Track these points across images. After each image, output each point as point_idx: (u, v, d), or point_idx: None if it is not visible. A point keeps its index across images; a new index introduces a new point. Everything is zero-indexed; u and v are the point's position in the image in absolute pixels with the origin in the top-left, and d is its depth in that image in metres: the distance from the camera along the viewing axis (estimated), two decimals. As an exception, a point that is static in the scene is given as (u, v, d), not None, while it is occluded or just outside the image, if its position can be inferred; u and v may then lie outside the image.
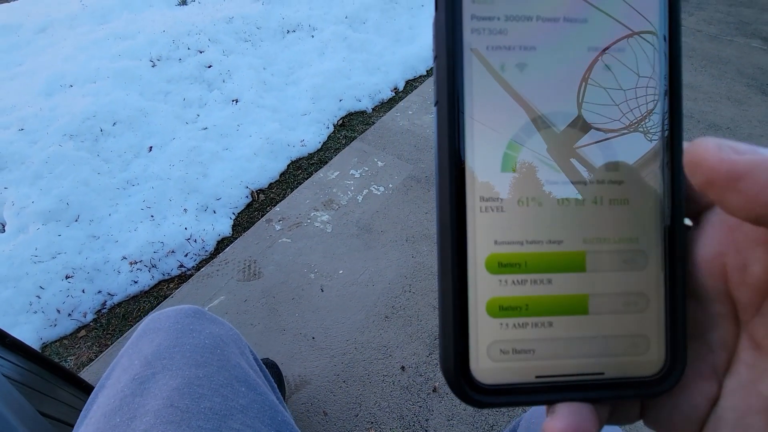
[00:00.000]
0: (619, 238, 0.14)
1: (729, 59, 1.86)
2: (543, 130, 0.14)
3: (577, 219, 0.14)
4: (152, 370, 0.34)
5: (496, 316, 0.14)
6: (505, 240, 0.14)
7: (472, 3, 0.14)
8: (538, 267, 0.14)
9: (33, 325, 0.97)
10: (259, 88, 1.57)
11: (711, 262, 0.14)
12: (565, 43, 0.14)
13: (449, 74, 0.14)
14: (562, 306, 0.14)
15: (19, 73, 1.58)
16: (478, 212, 0.14)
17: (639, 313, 0.14)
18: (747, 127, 1.51)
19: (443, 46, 0.14)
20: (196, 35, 1.72)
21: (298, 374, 0.86)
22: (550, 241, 0.14)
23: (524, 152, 0.14)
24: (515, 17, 0.14)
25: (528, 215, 0.14)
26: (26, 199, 1.13)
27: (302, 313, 0.96)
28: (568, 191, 0.14)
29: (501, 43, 0.14)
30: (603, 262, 0.14)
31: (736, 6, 2.29)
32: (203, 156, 1.32)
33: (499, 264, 0.14)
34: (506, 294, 0.14)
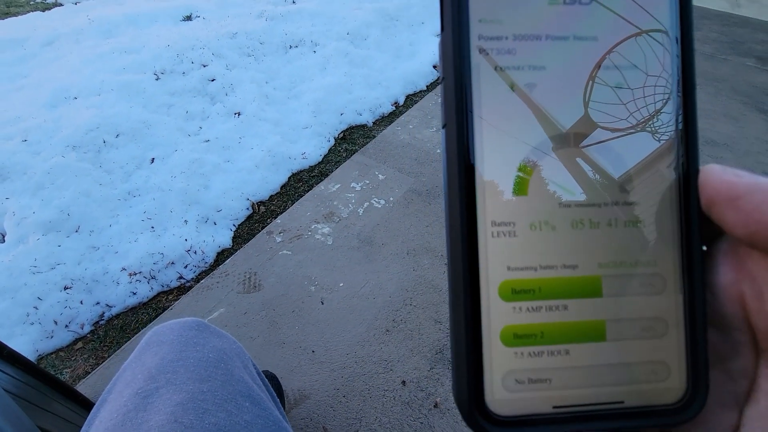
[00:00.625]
0: (636, 261, 0.14)
1: (724, 77, 1.90)
2: (556, 152, 0.14)
3: (592, 242, 0.14)
4: (156, 385, 0.34)
5: (511, 344, 0.14)
6: (519, 266, 0.14)
7: (479, 23, 0.14)
8: (553, 293, 0.14)
9: (29, 337, 0.96)
10: (262, 102, 1.59)
11: (728, 288, 0.14)
12: (576, 62, 0.14)
13: (457, 96, 0.13)
14: (578, 333, 0.14)
15: (25, 85, 1.60)
16: (490, 237, 0.14)
17: (658, 338, 0.14)
18: (744, 144, 1.53)
19: (450, 67, 0.13)
20: (200, 50, 1.75)
21: (298, 388, 0.85)
22: (565, 265, 0.14)
23: (536, 175, 0.14)
24: (523, 36, 0.14)
25: (541, 240, 0.14)
26: (27, 210, 1.13)
27: (302, 326, 0.95)
28: (582, 214, 0.14)
29: (510, 63, 0.14)
30: (620, 287, 0.14)
31: (729, 26, 2.35)
32: (205, 168, 1.33)
33: (513, 290, 0.14)
34: (521, 321, 0.14)
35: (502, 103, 0.14)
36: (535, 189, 0.14)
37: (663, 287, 0.14)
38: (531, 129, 0.14)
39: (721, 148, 1.51)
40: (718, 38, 2.21)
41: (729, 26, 2.34)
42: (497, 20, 0.14)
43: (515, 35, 0.14)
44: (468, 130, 0.13)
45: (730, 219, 0.12)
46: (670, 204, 0.14)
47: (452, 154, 0.13)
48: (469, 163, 0.13)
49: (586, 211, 0.14)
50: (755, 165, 1.44)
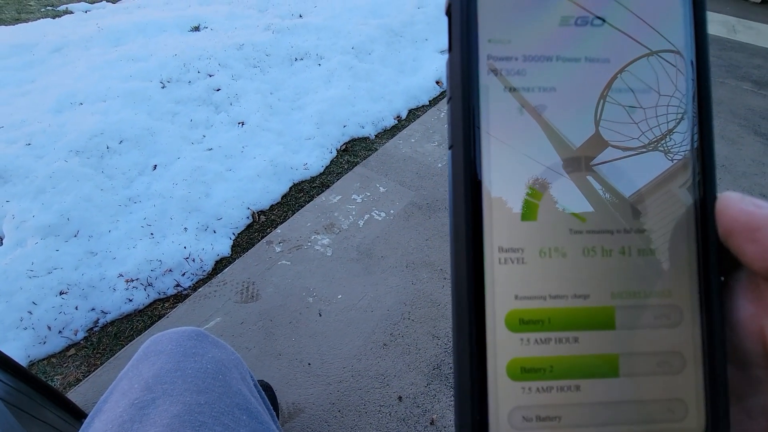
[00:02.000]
0: (651, 291, 0.13)
1: (722, 100, 1.93)
2: (567, 176, 0.13)
3: (605, 271, 0.13)
4: (152, 395, 0.33)
5: (518, 378, 0.13)
6: (527, 294, 0.13)
7: (489, 42, 0.13)
8: (563, 324, 0.13)
9: (22, 342, 0.95)
10: (265, 112, 1.60)
11: (747, 323, 0.13)
12: (587, 83, 0.13)
13: (465, 116, 0.13)
14: (590, 367, 0.13)
15: (31, 90, 1.61)
16: (497, 264, 0.13)
17: (675, 374, 0.13)
18: (741, 166, 1.55)
19: (459, 87, 0.13)
20: (206, 60, 1.78)
21: (293, 401, 0.84)
22: (576, 295, 0.13)
23: (546, 199, 0.13)
24: (533, 56, 0.13)
25: (551, 267, 0.13)
26: (27, 213, 1.13)
27: (299, 337, 0.94)
28: (594, 241, 0.13)
29: (520, 84, 0.13)
30: (634, 319, 0.13)
31: (726, 50, 2.39)
32: (207, 176, 1.33)
33: (521, 321, 0.13)
34: (529, 354, 0.13)
35: (511, 124, 0.13)
36: (544, 214, 0.13)
37: (679, 319, 0.13)
38: (541, 151, 0.13)
39: (718, 170, 1.52)
40: (716, 62, 2.26)
41: (726, 51, 2.38)
42: (507, 40, 0.13)
43: (525, 56, 0.13)
44: (475, 152, 0.13)
45: (749, 251, 0.12)
46: (686, 232, 0.13)
47: (459, 176, 0.13)
48: (476, 186, 0.13)
49: (599, 238, 0.13)
50: (752, 186, 1.45)
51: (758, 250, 0.12)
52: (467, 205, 0.13)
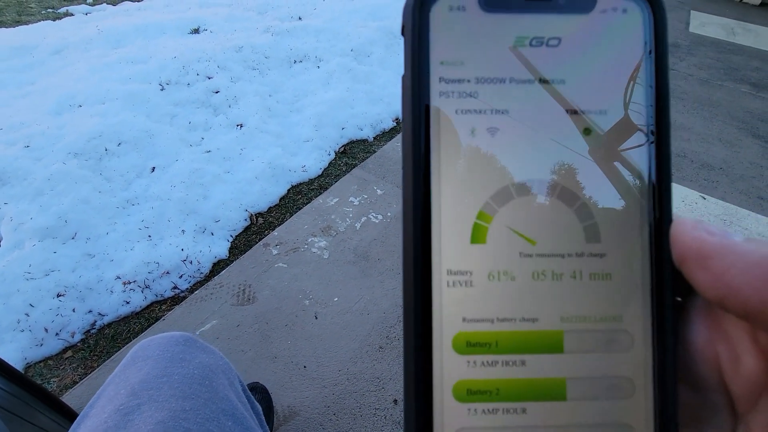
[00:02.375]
0: (601, 316, 0.13)
1: (720, 102, 1.93)
2: (516, 199, 0.13)
3: (554, 295, 0.13)
4: (138, 401, 0.33)
5: (464, 400, 0.13)
6: (475, 317, 0.13)
7: (441, 65, 0.13)
8: (511, 347, 0.13)
9: (18, 344, 0.95)
10: (264, 114, 1.61)
11: (703, 348, 0.13)
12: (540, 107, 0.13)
13: (415, 139, 0.13)
14: (537, 391, 0.13)
15: (31, 92, 1.62)
16: (445, 287, 0.13)
17: (624, 399, 0.13)
18: (739, 168, 1.55)
19: (409, 109, 0.13)
20: (206, 62, 1.78)
21: (288, 405, 0.84)
22: (524, 318, 0.13)
23: (496, 223, 0.13)
24: (486, 79, 0.13)
25: (500, 290, 0.13)
26: (25, 215, 1.13)
27: (295, 340, 0.95)
28: (544, 264, 0.13)
29: (471, 107, 0.13)
30: (583, 343, 0.13)
31: (725, 53, 2.39)
32: (205, 178, 1.33)
33: (468, 343, 0.13)
34: (475, 377, 0.13)
35: (462, 147, 0.13)
36: (494, 237, 0.13)
37: (630, 345, 0.13)
38: (492, 174, 0.13)
39: (716, 172, 1.52)
40: (714, 64, 2.26)
41: (724, 53, 2.38)
42: (459, 62, 0.13)
43: (478, 78, 0.13)
44: (426, 175, 0.13)
45: (701, 279, 0.12)
46: (640, 256, 0.13)
47: (408, 198, 0.13)
48: (426, 208, 0.13)
49: (549, 262, 0.13)
50: (750, 189, 1.45)
51: (709, 278, 0.12)
52: (416, 228, 0.13)
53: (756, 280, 0.11)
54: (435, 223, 0.13)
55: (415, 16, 0.13)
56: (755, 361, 0.12)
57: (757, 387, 0.12)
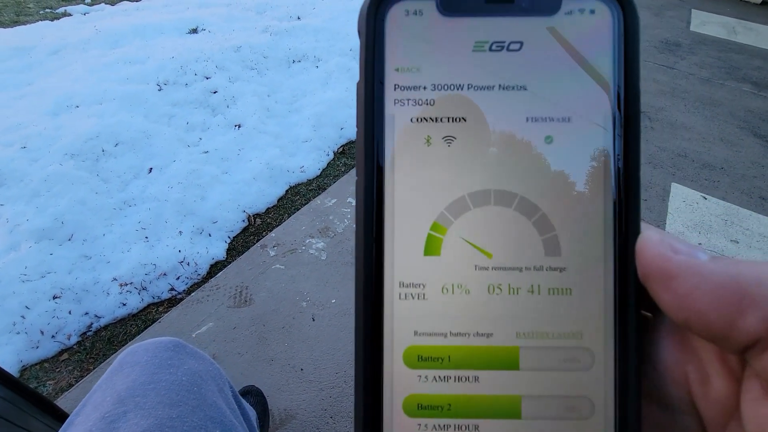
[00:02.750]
0: (560, 333, 0.13)
1: (721, 102, 1.92)
2: (473, 210, 0.13)
3: (510, 310, 0.13)
4: (124, 409, 0.33)
5: (414, 415, 0.12)
6: (427, 331, 0.12)
7: (396, 72, 0.12)
8: (464, 362, 0.12)
9: (14, 347, 0.94)
10: (262, 115, 1.60)
11: (672, 368, 0.12)
12: (500, 115, 0.13)
13: (369, 148, 0.12)
14: (490, 408, 0.12)
15: (29, 93, 1.61)
16: (397, 299, 0.12)
17: (582, 420, 0.12)
18: (741, 168, 1.54)
19: (363, 117, 0.13)
20: (204, 62, 1.77)
21: (284, 407, 0.83)
22: (478, 333, 0.12)
23: (451, 234, 0.13)
24: (443, 85, 0.13)
25: (453, 304, 0.13)
26: (21, 217, 1.13)
27: (292, 342, 0.94)
28: (500, 278, 0.13)
29: (428, 115, 0.13)
30: (540, 360, 0.12)
31: (726, 52, 2.38)
32: (202, 179, 1.33)
33: (419, 357, 0.12)
34: (426, 391, 0.12)
35: (417, 156, 0.13)
36: (448, 249, 0.13)
37: (590, 363, 0.13)
38: (447, 185, 0.13)
39: (717, 172, 1.51)
40: (715, 63, 2.24)
41: (725, 52, 2.37)
42: (416, 68, 0.13)
43: (435, 84, 0.13)
44: (379, 185, 0.12)
45: (665, 299, 0.11)
46: (603, 271, 0.13)
47: (361, 208, 0.13)
48: (379, 218, 0.12)
49: (505, 275, 0.13)
50: (752, 189, 1.44)
51: (673, 299, 0.11)
52: (368, 239, 0.12)
53: (720, 304, 0.10)
54: (388, 233, 0.13)
55: (369, 21, 0.12)
56: (724, 383, 0.12)
57: (727, 410, 0.12)
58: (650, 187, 1.42)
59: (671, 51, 2.34)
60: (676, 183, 1.45)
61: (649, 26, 2.57)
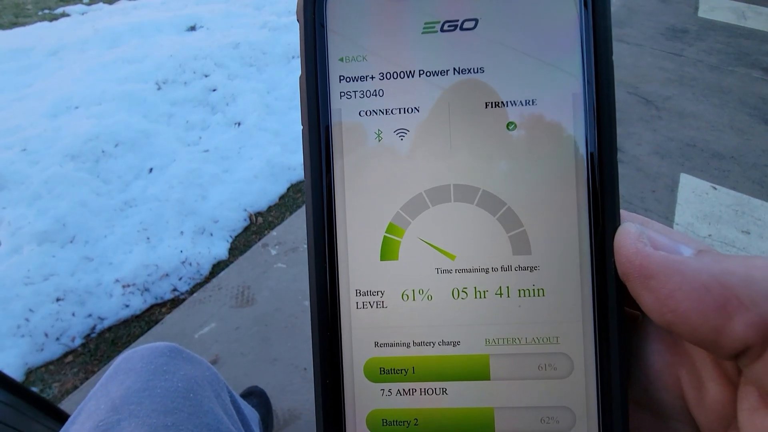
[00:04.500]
0: (533, 338, 0.11)
1: (730, 89, 1.87)
2: (431, 209, 0.11)
3: (478, 315, 0.11)
4: (118, 417, 0.32)
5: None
6: (388, 341, 0.12)
7: (340, 62, 0.11)
8: (430, 374, 0.11)
9: (19, 350, 0.94)
10: (262, 112, 1.58)
11: (663, 373, 0.11)
12: (456, 102, 0.11)
13: (313, 147, 0.11)
14: (461, 422, 0.11)
15: (28, 95, 1.61)
16: (354, 309, 0.12)
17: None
18: (751, 157, 1.50)
19: (306, 115, 0.11)
20: (202, 60, 1.76)
21: (288, 408, 0.83)
22: (444, 342, 0.11)
23: (408, 236, 0.11)
24: (392, 73, 0.11)
25: (415, 311, 0.11)
26: (23, 220, 1.12)
27: (295, 342, 0.93)
28: (465, 281, 0.11)
29: (377, 107, 0.11)
30: (512, 369, 0.11)
31: (735, 37, 2.32)
32: (203, 178, 1.32)
33: (382, 370, 0.12)
34: (391, 406, 0.11)
35: (368, 153, 0.11)
36: (407, 252, 0.12)
37: (569, 370, 0.11)
38: (402, 182, 0.11)
39: (727, 161, 1.48)
40: (724, 49, 2.19)
41: (735, 38, 2.31)
42: (361, 57, 0.11)
43: (383, 73, 0.11)
44: (329, 186, 0.11)
45: (645, 301, 0.10)
46: (579, 268, 0.11)
47: (310, 214, 0.12)
48: (330, 222, 0.12)
49: (471, 278, 0.11)
50: (763, 178, 1.41)
51: (654, 301, 0.10)
52: (319, 245, 0.11)
53: (705, 307, 0.09)
54: (341, 238, 0.12)
55: (308, 7, 0.11)
56: (720, 389, 0.10)
57: (724, 418, 0.10)
58: (659, 177, 1.39)
59: (678, 38, 2.29)
60: (685, 173, 1.42)
61: (656, 12, 2.51)
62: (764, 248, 1.19)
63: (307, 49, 0.11)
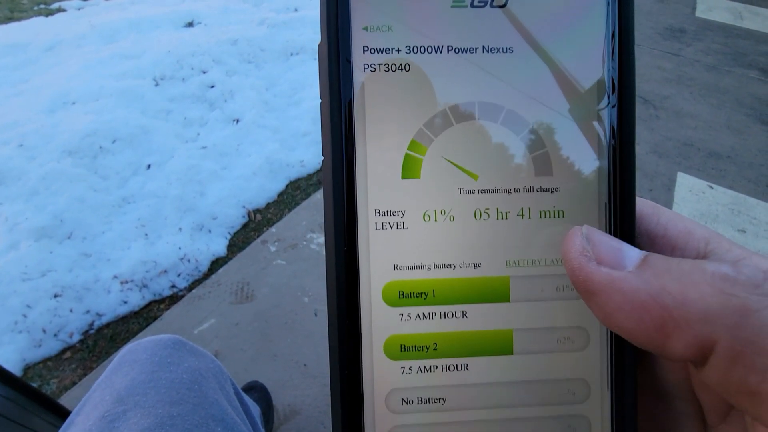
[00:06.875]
0: (553, 260, 0.11)
1: (727, 89, 1.88)
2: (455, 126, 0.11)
3: (499, 236, 0.11)
4: (123, 407, 0.32)
5: (397, 358, 0.11)
6: (408, 264, 0.11)
7: (364, 31, 0.11)
8: (450, 297, 0.11)
9: (17, 345, 0.94)
10: (261, 109, 1.58)
11: None
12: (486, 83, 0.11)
13: (334, 122, 0.11)
14: (480, 345, 0.11)
15: (24, 90, 1.60)
16: (373, 230, 0.11)
17: (577, 352, 0.11)
18: (748, 156, 1.51)
19: (327, 85, 0.11)
20: (200, 56, 1.75)
21: (288, 403, 0.83)
22: (465, 264, 0.11)
23: (431, 154, 0.11)
24: (419, 47, 0.11)
25: (437, 232, 0.11)
26: (20, 216, 1.12)
27: (295, 338, 0.93)
28: (487, 202, 0.11)
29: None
30: (532, 290, 0.11)
31: (732, 38, 2.34)
32: (201, 175, 1.31)
33: (400, 294, 0.11)
34: (409, 331, 0.11)
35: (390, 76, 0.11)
36: (429, 171, 0.11)
37: None
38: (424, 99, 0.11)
39: (724, 161, 1.49)
40: (721, 50, 2.20)
41: (732, 38, 2.33)
42: (386, 27, 0.11)
43: (410, 47, 0.11)
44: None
45: (594, 312, 0.10)
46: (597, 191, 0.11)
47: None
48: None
49: (493, 198, 0.11)
50: (759, 177, 1.42)
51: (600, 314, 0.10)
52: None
53: (645, 327, 0.09)
54: (359, 155, 0.11)
55: None
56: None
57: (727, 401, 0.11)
58: (656, 176, 1.40)
59: (676, 37, 2.30)
60: (682, 172, 1.43)
61: (654, 12, 2.52)
62: (760, 247, 1.20)
63: (329, 14, 0.11)
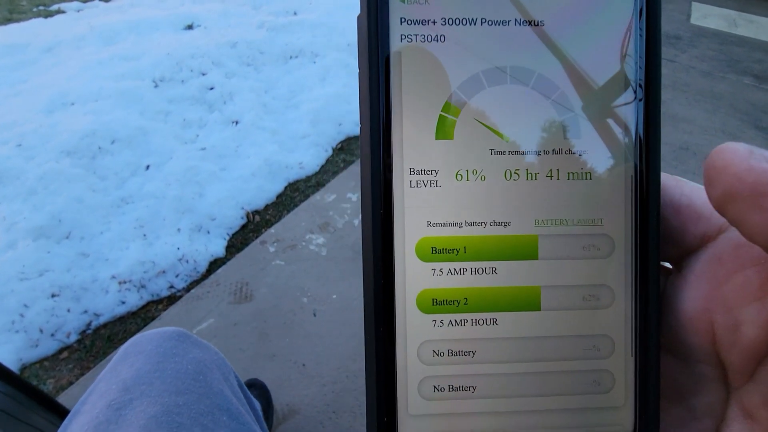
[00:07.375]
0: (579, 219, 0.12)
1: (722, 95, 1.91)
2: (488, 89, 0.12)
3: (528, 196, 0.12)
4: (130, 396, 0.33)
5: (429, 311, 0.12)
6: (441, 221, 0.12)
7: (402, 3, 0.11)
8: (480, 253, 0.12)
9: (14, 345, 0.94)
10: (260, 111, 1.59)
11: (696, 318, 0.12)
12: (520, 53, 0.12)
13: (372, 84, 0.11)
14: (508, 300, 0.12)
15: (23, 91, 1.60)
16: (408, 188, 0.12)
17: (602, 309, 0.12)
18: (740, 160, 1.53)
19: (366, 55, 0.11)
20: (200, 58, 1.76)
21: (287, 403, 0.83)
22: (495, 222, 0.12)
23: (464, 116, 0.12)
24: (455, 19, 0.12)
25: (468, 191, 0.12)
26: (18, 215, 1.12)
27: (293, 338, 0.93)
28: (517, 163, 0.12)
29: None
30: (559, 249, 0.12)
31: (727, 44, 2.37)
32: (200, 176, 1.32)
33: (433, 249, 0.12)
34: (441, 285, 0.12)
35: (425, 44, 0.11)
36: (462, 132, 0.12)
37: (610, 250, 0.12)
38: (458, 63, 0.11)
39: (718, 165, 1.51)
40: (716, 56, 2.24)
41: (726, 45, 2.36)
42: (423, 0, 0.11)
43: (446, 19, 0.11)
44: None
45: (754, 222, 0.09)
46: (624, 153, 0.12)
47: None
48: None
49: (522, 160, 0.12)
50: (752, 182, 1.44)
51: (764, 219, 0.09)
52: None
53: None
54: (395, 115, 0.11)
55: None
56: (757, 332, 0.11)
57: (756, 356, 0.11)
58: (651, 179, 1.42)
59: (672, 44, 2.33)
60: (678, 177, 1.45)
61: (648, 19, 2.56)
62: (753, 249, 1.21)
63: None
